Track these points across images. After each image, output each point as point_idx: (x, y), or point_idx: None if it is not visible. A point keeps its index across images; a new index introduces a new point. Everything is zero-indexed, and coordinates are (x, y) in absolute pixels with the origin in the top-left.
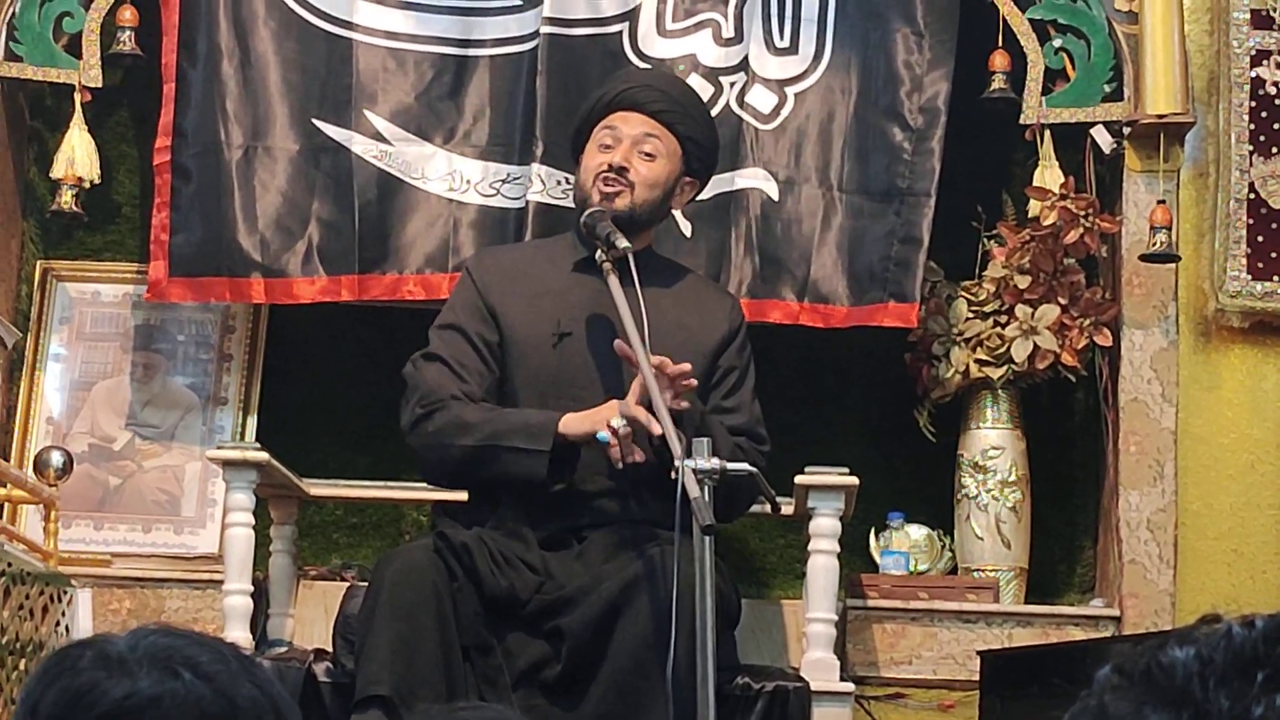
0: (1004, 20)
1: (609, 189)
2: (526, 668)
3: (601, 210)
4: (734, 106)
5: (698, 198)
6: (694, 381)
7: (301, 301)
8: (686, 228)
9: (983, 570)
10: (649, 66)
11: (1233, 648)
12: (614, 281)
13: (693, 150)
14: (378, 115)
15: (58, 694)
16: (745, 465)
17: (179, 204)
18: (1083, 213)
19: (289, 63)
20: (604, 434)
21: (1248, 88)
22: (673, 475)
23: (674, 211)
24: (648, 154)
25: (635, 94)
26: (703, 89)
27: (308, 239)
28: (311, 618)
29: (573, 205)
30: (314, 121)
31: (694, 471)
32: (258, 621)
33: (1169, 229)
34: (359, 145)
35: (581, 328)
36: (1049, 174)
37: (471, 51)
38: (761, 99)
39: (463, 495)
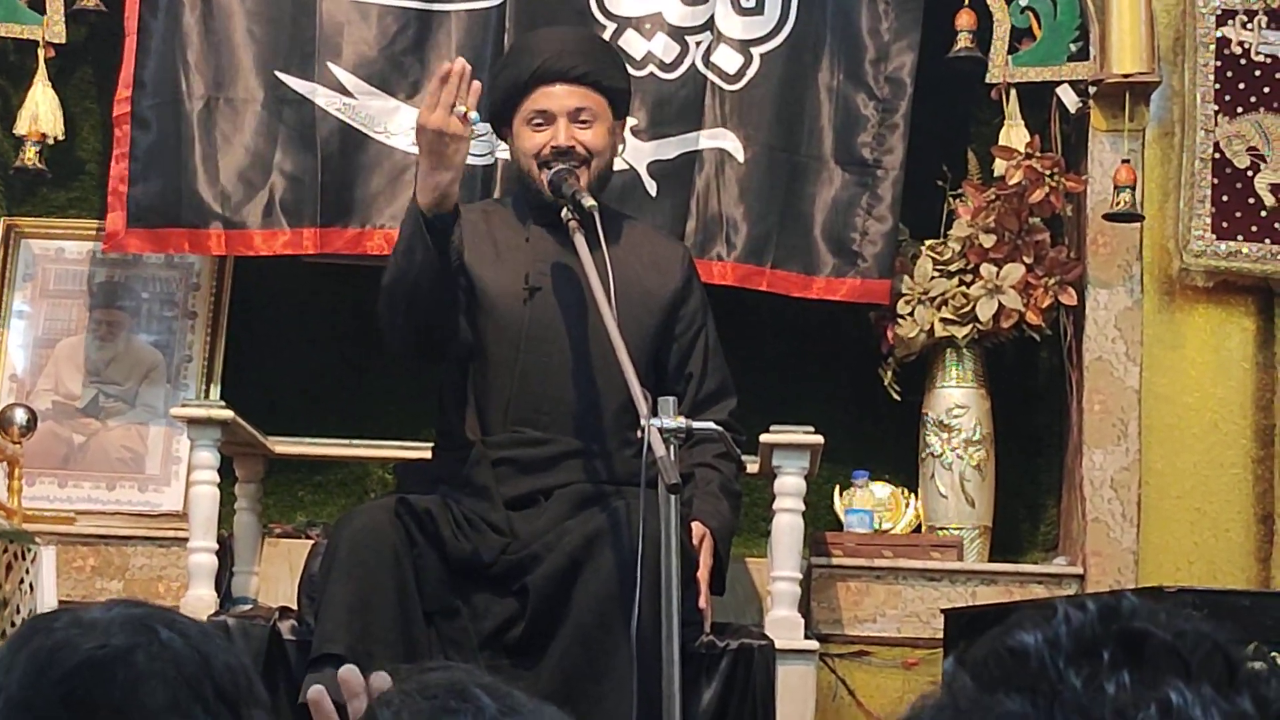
0: None
1: (566, 168)
2: (494, 629)
3: (567, 169)
4: (700, 66)
5: (663, 157)
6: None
7: (261, 254)
8: (652, 187)
9: (947, 528)
10: (554, 28)
11: (1073, 630)
12: (580, 240)
13: (618, 97)
14: (341, 68)
15: (30, 654)
16: (710, 424)
17: (138, 154)
18: (1048, 172)
19: (252, 14)
20: (475, 115)
21: (1213, 47)
22: (638, 434)
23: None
24: (584, 122)
25: (555, 64)
26: (668, 48)
27: (269, 191)
28: (276, 575)
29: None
30: (277, 74)
31: (659, 430)
32: (222, 579)
33: (1134, 188)
34: (322, 98)
35: (549, 283)
36: (1014, 133)
37: (437, 6)
38: (727, 59)
39: (426, 452)
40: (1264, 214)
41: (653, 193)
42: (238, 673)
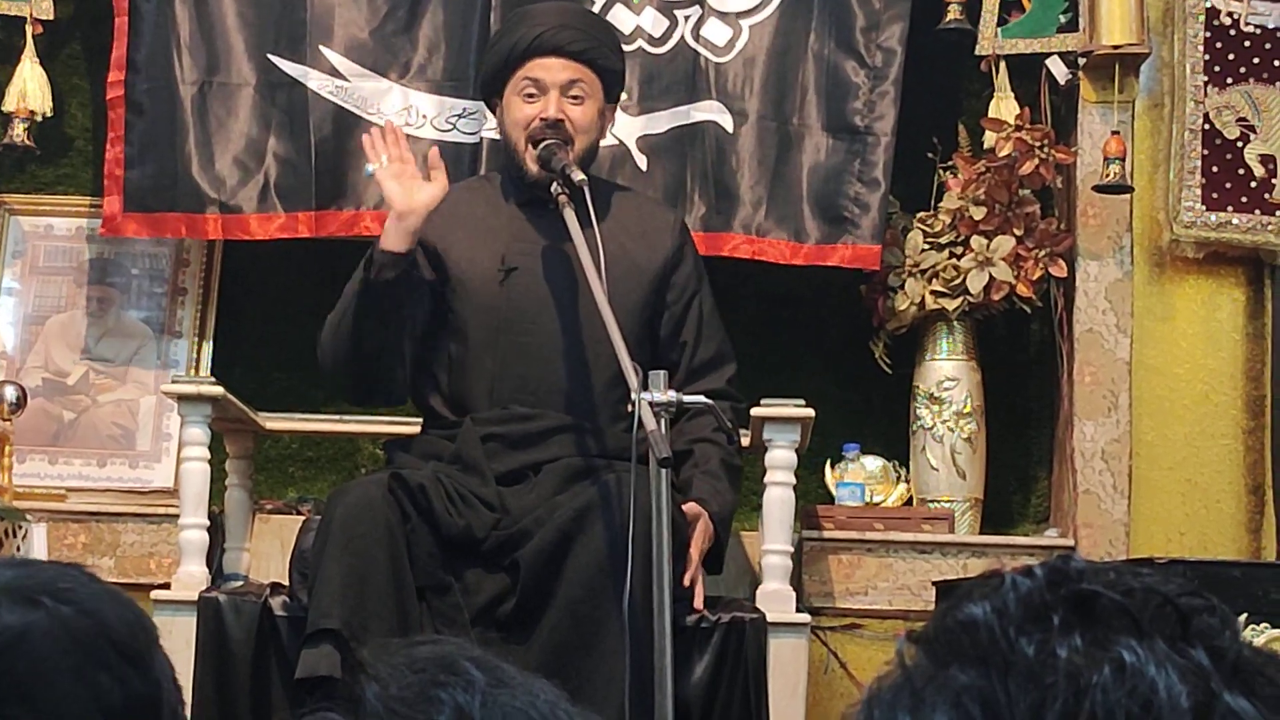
0: None
1: (556, 141)
2: (485, 604)
3: (557, 143)
4: (689, 40)
5: (653, 131)
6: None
7: (258, 238)
8: (643, 161)
9: (938, 501)
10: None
11: (1022, 597)
12: (570, 215)
13: (612, 80)
14: (333, 51)
15: None
16: (700, 398)
17: (133, 138)
18: (1038, 144)
19: None
20: (370, 168)
21: (1203, 18)
22: (629, 408)
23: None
24: (576, 98)
25: (553, 37)
26: (657, 22)
27: (264, 175)
28: (267, 552)
29: None
30: (270, 57)
31: (650, 404)
32: (214, 555)
33: (1124, 160)
34: (314, 81)
35: (528, 262)
36: (1004, 105)
37: None
38: (716, 31)
39: (415, 428)
40: (1254, 185)
41: (643, 167)
42: (134, 625)
